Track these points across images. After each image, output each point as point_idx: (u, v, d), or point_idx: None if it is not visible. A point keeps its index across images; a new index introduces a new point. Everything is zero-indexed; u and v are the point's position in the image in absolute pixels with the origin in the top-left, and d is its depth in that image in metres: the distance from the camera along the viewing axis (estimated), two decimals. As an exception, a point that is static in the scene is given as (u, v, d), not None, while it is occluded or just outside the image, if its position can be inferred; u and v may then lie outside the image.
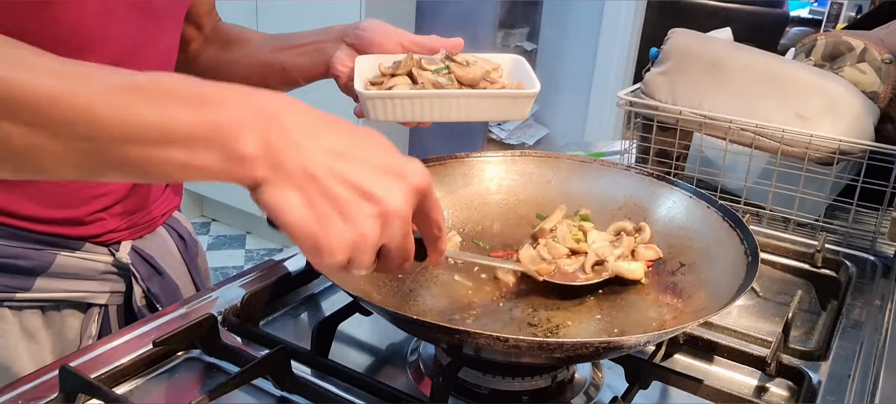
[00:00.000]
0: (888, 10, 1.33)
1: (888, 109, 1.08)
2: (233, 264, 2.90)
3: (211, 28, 0.92)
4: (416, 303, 0.69)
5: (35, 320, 0.76)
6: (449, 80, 0.73)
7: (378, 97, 0.70)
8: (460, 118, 0.73)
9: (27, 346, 0.76)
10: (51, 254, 0.74)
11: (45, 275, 0.74)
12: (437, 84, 0.72)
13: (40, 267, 0.74)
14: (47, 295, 0.75)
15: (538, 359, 0.61)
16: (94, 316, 0.79)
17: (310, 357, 0.66)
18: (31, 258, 0.73)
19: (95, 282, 0.79)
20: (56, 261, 0.75)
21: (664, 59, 1.12)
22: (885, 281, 0.92)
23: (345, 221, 0.44)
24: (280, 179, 0.44)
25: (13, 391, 0.61)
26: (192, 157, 0.43)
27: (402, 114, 0.71)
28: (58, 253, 0.75)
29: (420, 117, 0.72)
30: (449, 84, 0.72)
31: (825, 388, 0.68)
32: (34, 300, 0.75)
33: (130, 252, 0.80)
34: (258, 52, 0.88)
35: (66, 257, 0.75)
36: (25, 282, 0.74)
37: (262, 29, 0.92)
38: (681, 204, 0.76)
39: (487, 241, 0.79)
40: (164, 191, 0.87)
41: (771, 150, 1.01)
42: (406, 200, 0.46)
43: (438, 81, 0.72)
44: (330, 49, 0.81)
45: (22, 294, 0.74)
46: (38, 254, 0.73)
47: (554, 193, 0.82)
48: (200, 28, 0.91)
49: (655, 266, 0.73)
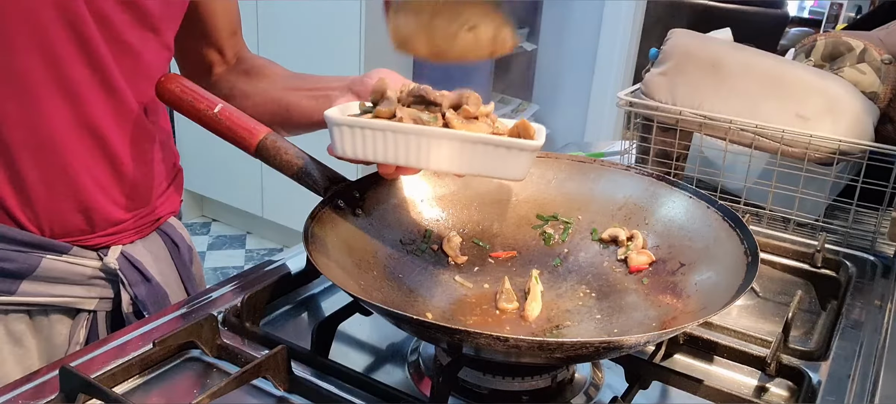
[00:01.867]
0: (888, 11, 1.33)
1: (888, 109, 1.08)
2: (233, 264, 2.90)
3: (234, 55, 0.92)
4: (416, 303, 0.69)
5: (21, 325, 0.75)
6: (434, 118, 0.62)
7: (346, 125, 0.61)
8: (443, 168, 0.62)
9: (13, 351, 0.75)
10: (36, 257, 0.73)
11: (30, 278, 0.74)
12: (418, 120, 0.61)
13: (26, 270, 0.73)
14: (33, 299, 0.75)
15: (538, 359, 0.61)
16: (83, 322, 0.79)
17: (310, 357, 0.66)
18: (15, 260, 0.72)
19: (82, 287, 0.78)
20: (42, 265, 0.74)
21: (664, 60, 1.12)
22: (885, 281, 0.92)
23: None
24: None
25: (13, 391, 0.61)
26: None
27: (372, 151, 0.61)
28: (44, 256, 0.74)
29: (394, 159, 0.61)
30: (433, 121, 0.62)
31: (825, 388, 0.68)
32: (19, 304, 0.74)
33: (119, 257, 0.80)
34: (271, 89, 0.88)
35: (52, 261, 0.74)
36: (10, 285, 0.73)
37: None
38: (680, 204, 0.76)
39: (487, 242, 0.79)
40: (167, 189, 0.87)
41: (771, 151, 1.01)
42: None
43: (420, 117, 0.61)
44: (336, 96, 0.78)
45: (6, 297, 0.73)
46: (23, 257, 0.73)
47: (554, 193, 0.82)
48: (222, 53, 0.91)
49: (655, 266, 0.73)
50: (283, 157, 0.72)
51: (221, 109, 0.73)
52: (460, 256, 0.76)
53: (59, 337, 0.78)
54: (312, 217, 0.67)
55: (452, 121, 0.62)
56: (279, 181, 0.73)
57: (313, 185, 0.72)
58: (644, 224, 0.77)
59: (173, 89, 0.75)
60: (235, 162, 0.68)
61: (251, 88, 0.89)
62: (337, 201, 0.71)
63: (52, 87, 0.68)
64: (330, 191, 0.71)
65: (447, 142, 0.60)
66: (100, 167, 0.75)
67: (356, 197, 0.73)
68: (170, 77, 0.76)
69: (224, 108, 0.73)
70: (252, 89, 0.89)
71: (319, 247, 0.65)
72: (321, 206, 0.70)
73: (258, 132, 0.72)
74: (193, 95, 0.74)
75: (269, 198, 2.93)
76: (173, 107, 0.76)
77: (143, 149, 0.80)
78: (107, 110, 0.73)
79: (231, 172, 2.96)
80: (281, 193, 2.82)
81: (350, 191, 0.72)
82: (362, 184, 0.74)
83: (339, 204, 0.71)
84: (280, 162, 0.72)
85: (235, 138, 0.73)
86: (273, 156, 0.72)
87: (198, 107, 0.74)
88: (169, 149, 0.87)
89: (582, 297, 0.72)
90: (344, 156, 0.63)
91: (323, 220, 0.68)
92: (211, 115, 0.73)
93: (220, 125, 0.73)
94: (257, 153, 0.72)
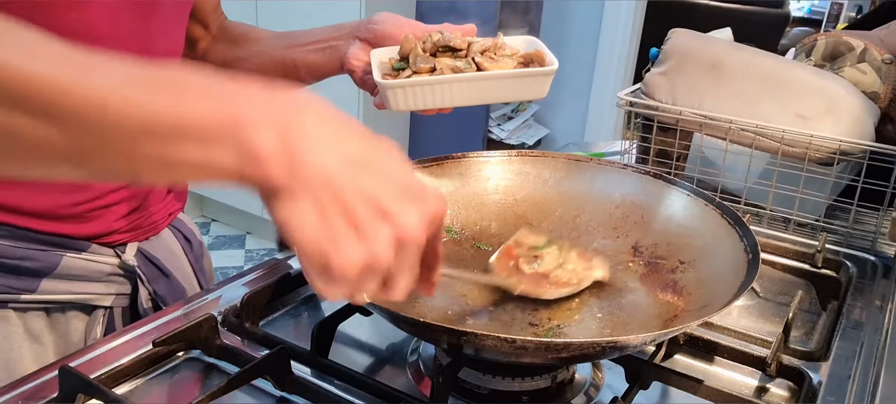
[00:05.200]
0: (888, 11, 1.33)
1: (888, 110, 1.08)
2: (233, 264, 2.90)
3: (217, 26, 0.92)
4: (416, 304, 0.69)
5: (39, 322, 0.76)
6: (467, 63, 0.73)
7: (398, 86, 0.70)
8: (482, 100, 0.72)
9: (31, 348, 0.75)
10: (57, 255, 0.74)
11: (50, 276, 0.74)
12: (455, 69, 0.72)
13: (46, 268, 0.73)
14: (52, 296, 0.75)
15: (543, 360, 0.61)
16: (99, 318, 0.79)
17: (310, 357, 0.66)
18: (36, 259, 0.73)
19: (101, 284, 0.78)
20: (62, 263, 0.74)
21: (664, 60, 1.12)
22: (886, 281, 0.92)
23: (359, 240, 0.41)
24: (296, 186, 0.41)
25: (13, 391, 0.61)
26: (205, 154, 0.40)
27: (422, 101, 0.71)
28: (64, 254, 0.74)
29: (440, 104, 0.71)
30: (467, 67, 0.72)
31: (825, 389, 0.68)
32: (39, 302, 0.75)
33: (137, 254, 0.80)
34: (268, 49, 0.88)
35: (71, 259, 0.75)
36: (30, 283, 0.73)
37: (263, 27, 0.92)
38: (679, 202, 0.76)
39: (487, 242, 0.79)
40: (166, 195, 0.87)
41: (771, 151, 1.01)
42: (422, 226, 0.43)
43: (457, 66, 0.72)
44: (343, 46, 0.81)
45: (27, 295, 0.73)
46: (43, 256, 0.73)
47: (551, 192, 0.82)
48: (207, 27, 0.91)
49: (655, 264, 0.73)
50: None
51: None
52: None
53: (76, 334, 0.79)
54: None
55: (484, 64, 0.72)
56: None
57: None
58: (642, 222, 0.77)
59: None
60: (235, 162, 0.68)
61: (245, 53, 0.89)
62: None
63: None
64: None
65: (487, 82, 0.71)
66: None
67: None
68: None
69: None
70: (246, 54, 0.89)
71: None
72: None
73: None
74: None
75: (270, 199, 2.92)
76: None
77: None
78: None
79: (231, 172, 2.95)
80: (281, 193, 2.81)
81: None
82: None
83: None
84: None
85: None
86: None
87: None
88: None
89: (582, 297, 0.72)
90: (399, 110, 0.72)
91: None
92: None
93: None
94: None
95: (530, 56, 0.75)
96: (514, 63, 0.74)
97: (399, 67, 0.74)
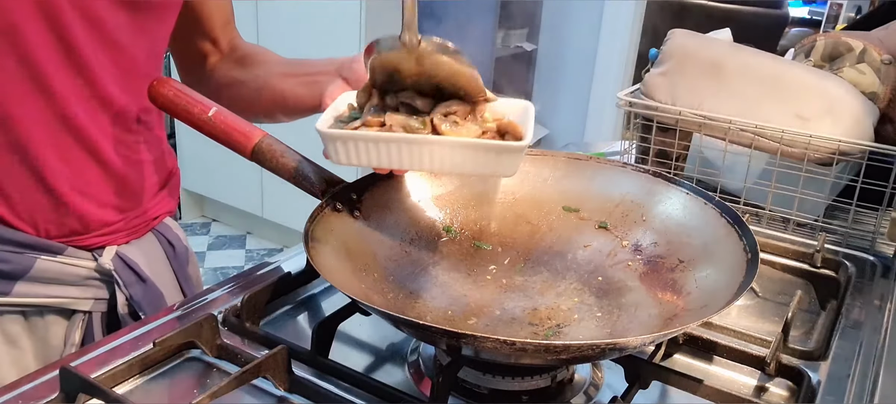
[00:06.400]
0: (888, 11, 1.33)
1: (888, 110, 1.08)
2: (233, 264, 2.90)
3: (228, 44, 0.91)
4: (415, 304, 0.69)
5: (16, 326, 0.75)
6: (422, 123, 0.63)
7: (338, 138, 0.62)
8: (434, 169, 0.64)
9: (9, 352, 0.75)
10: (31, 257, 0.73)
11: (25, 279, 0.73)
12: (407, 127, 0.63)
13: (20, 271, 0.73)
14: (28, 299, 0.75)
15: (543, 361, 0.61)
16: (78, 323, 0.79)
17: (310, 357, 0.67)
18: (10, 262, 0.72)
19: (77, 288, 0.78)
20: (36, 266, 0.73)
21: (664, 60, 1.12)
22: (885, 281, 0.92)
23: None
24: None
25: (13, 391, 0.61)
26: None
27: (367, 158, 0.62)
28: (38, 257, 0.74)
29: (388, 164, 0.62)
30: (421, 128, 0.63)
31: (825, 388, 0.68)
32: (14, 305, 0.74)
33: (114, 258, 0.79)
34: (266, 75, 0.87)
35: (46, 262, 0.74)
36: (5, 286, 0.73)
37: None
38: (678, 201, 0.76)
39: (487, 242, 0.79)
40: (159, 192, 0.86)
41: (770, 151, 1.01)
42: None
43: (409, 124, 0.63)
44: (325, 82, 0.76)
45: (1, 298, 0.73)
46: (18, 258, 0.72)
47: (551, 191, 0.82)
48: (216, 43, 0.90)
49: (654, 263, 0.73)
50: (279, 160, 0.72)
51: (216, 113, 0.72)
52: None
53: (55, 338, 0.78)
54: (312, 220, 0.67)
55: (441, 127, 0.63)
56: (279, 181, 0.73)
57: (310, 188, 0.72)
58: (642, 220, 0.77)
59: (166, 93, 0.74)
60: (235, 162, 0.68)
61: (247, 75, 0.89)
62: (335, 204, 0.71)
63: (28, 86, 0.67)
64: (327, 193, 0.71)
65: (440, 149, 0.61)
66: (85, 168, 0.74)
67: (354, 199, 0.72)
68: (162, 81, 0.74)
69: (218, 112, 0.72)
70: (248, 77, 0.89)
71: (320, 251, 0.65)
72: (320, 209, 0.69)
73: (253, 136, 0.72)
74: (187, 99, 0.73)
75: (269, 199, 2.93)
76: (166, 111, 0.75)
77: (132, 150, 0.79)
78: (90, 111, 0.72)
79: (231, 172, 2.96)
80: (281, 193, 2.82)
81: (347, 194, 0.72)
82: (359, 186, 0.74)
83: (336, 206, 0.71)
84: (276, 165, 0.72)
85: (231, 142, 0.72)
86: (269, 159, 0.72)
87: (191, 111, 0.73)
88: (162, 151, 0.86)
89: (581, 296, 0.72)
90: (339, 163, 0.64)
91: (322, 223, 0.68)
92: (205, 119, 0.72)
93: (214, 129, 0.72)
94: (253, 156, 0.72)
95: (504, 127, 0.65)
96: (478, 131, 0.63)
97: (351, 117, 0.66)
